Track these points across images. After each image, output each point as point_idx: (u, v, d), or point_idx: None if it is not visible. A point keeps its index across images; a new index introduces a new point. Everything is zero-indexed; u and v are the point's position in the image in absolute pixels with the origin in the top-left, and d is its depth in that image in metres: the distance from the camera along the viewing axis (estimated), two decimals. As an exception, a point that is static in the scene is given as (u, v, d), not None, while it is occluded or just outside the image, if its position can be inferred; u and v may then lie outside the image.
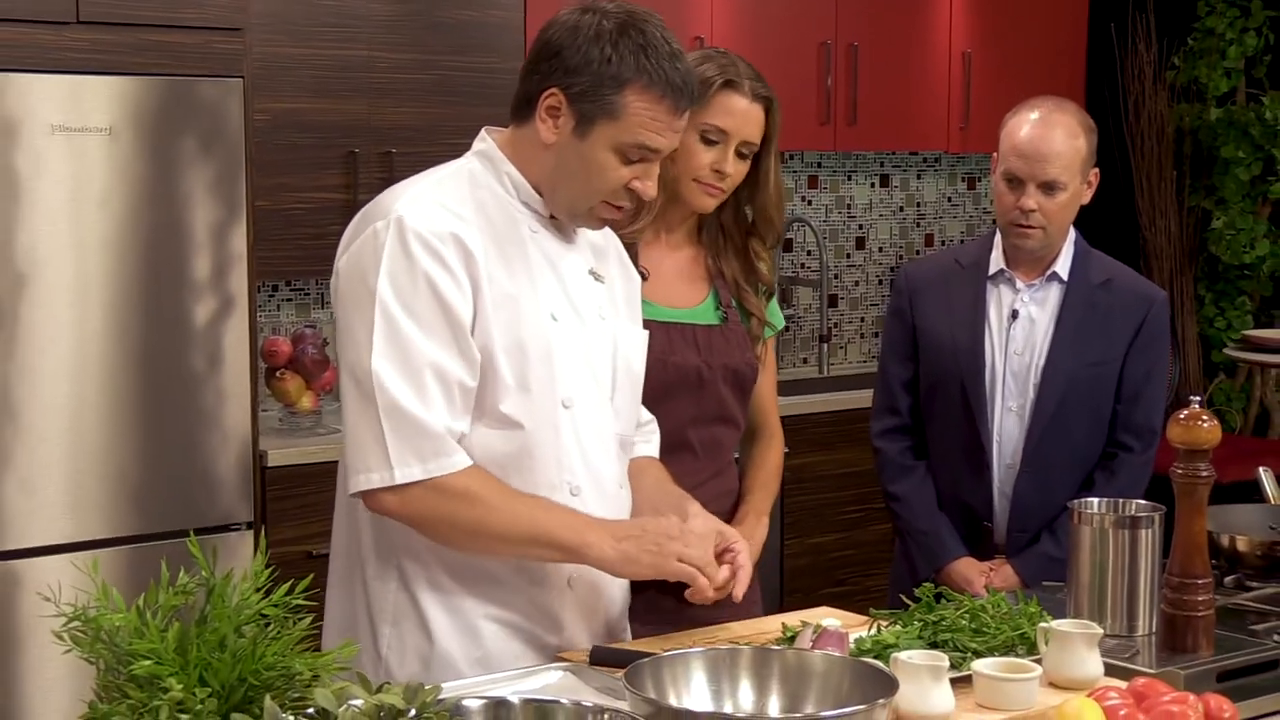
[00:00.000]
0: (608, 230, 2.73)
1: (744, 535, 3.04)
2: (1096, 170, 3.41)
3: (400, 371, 2.39)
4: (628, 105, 2.46)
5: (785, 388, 5.66)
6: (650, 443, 2.85)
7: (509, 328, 2.47)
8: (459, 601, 2.52)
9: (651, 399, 2.98)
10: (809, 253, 6.32)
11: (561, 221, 2.60)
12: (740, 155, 3.02)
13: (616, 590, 2.65)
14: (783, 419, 3.33)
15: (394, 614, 2.53)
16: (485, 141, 2.60)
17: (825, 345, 6.28)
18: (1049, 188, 3.32)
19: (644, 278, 3.05)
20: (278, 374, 4.73)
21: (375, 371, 2.39)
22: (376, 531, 2.54)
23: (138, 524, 4.08)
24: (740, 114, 3.00)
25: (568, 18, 2.51)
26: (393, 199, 2.49)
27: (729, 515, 3.12)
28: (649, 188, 2.53)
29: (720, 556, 2.55)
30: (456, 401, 2.43)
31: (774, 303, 3.22)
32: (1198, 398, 2.65)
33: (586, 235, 2.66)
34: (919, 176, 6.64)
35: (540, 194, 2.56)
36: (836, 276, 6.42)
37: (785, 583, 5.44)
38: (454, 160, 2.61)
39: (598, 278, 2.65)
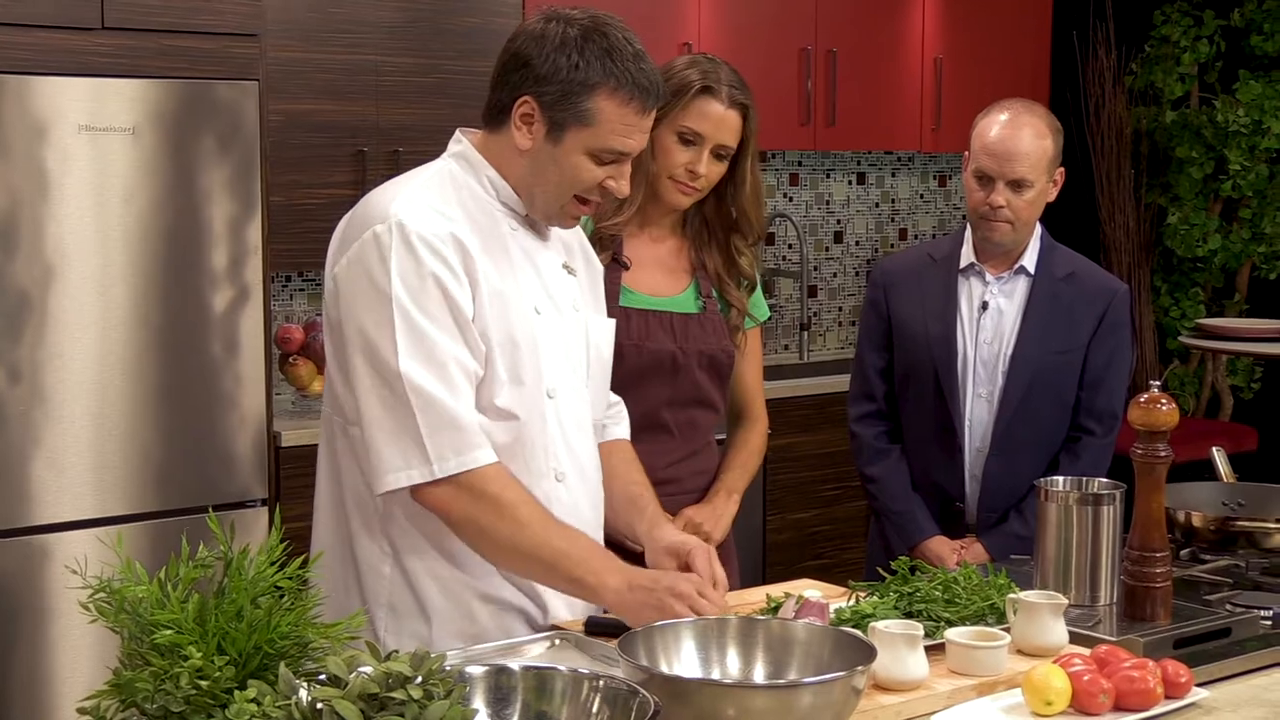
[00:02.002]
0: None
1: (713, 511, 3.06)
2: (1062, 169, 3.40)
3: (429, 369, 2.35)
4: (599, 110, 2.42)
5: (767, 373, 5.60)
6: (621, 424, 2.83)
7: (501, 323, 2.44)
8: (455, 584, 2.48)
9: (629, 382, 2.98)
10: (790, 246, 6.31)
11: (536, 220, 2.57)
12: (718, 157, 3.01)
13: None
14: (765, 402, 3.32)
15: (390, 599, 2.49)
16: (461, 143, 2.55)
17: (805, 333, 6.28)
18: (1017, 185, 3.31)
19: (626, 267, 3.04)
20: (291, 360, 4.72)
21: (405, 372, 2.34)
22: (367, 520, 2.49)
23: (159, 500, 4.07)
24: (715, 119, 2.98)
25: (533, 27, 2.46)
26: (385, 202, 2.43)
27: (704, 494, 3.11)
28: (622, 186, 2.50)
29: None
30: (473, 393, 2.41)
31: (759, 295, 3.21)
32: (1157, 382, 2.64)
33: (556, 231, 2.62)
34: (894, 174, 6.63)
35: (519, 195, 2.52)
36: (816, 268, 6.41)
37: (767, 556, 5.43)
38: (432, 162, 2.56)
39: (570, 271, 2.62)
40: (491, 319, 2.43)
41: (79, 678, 3.91)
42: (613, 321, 2.71)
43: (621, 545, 2.73)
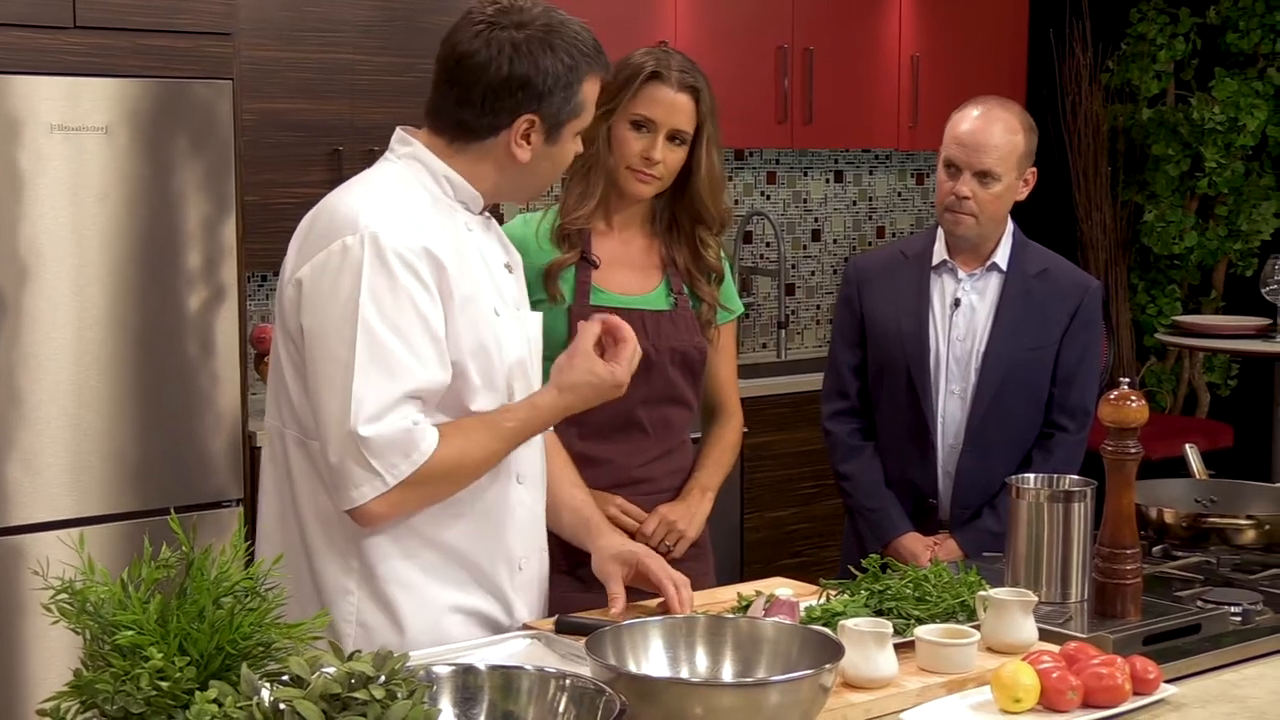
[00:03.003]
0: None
1: (688, 509, 3.05)
2: (1034, 170, 3.39)
3: (382, 393, 2.30)
4: (585, 98, 2.47)
5: (745, 371, 5.64)
6: None
7: (471, 329, 2.41)
8: (427, 593, 2.45)
9: None
10: (768, 244, 6.30)
11: (483, 217, 2.54)
12: (675, 142, 2.99)
13: (546, 572, 2.67)
14: (742, 400, 3.30)
15: (359, 616, 2.43)
16: (412, 144, 2.49)
17: (783, 331, 6.27)
18: (984, 176, 3.31)
19: (595, 265, 3.03)
20: (266, 359, 4.70)
21: (357, 393, 2.29)
22: (330, 537, 2.43)
23: (135, 501, 4.05)
24: (666, 103, 2.98)
25: (495, 38, 2.40)
26: (352, 210, 2.37)
27: (679, 493, 3.10)
28: (578, 143, 2.54)
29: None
30: (426, 413, 2.37)
31: (729, 288, 3.18)
32: (1127, 379, 2.64)
33: (495, 228, 2.60)
34: (871, 172, 6.63)
35: (495, 196, 2.51)
36: (794, 267, 6.41)
37: (745, 554, 5.43)
38: (383, 165, 2.50)
39: (510, 269, 2.59)
40: (463, 327, 2.40)
41: (53, 679, 3.88)
42: (539, 315, 2.67)
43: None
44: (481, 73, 2.41)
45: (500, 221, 2.72)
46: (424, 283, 2.35)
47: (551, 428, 2.66)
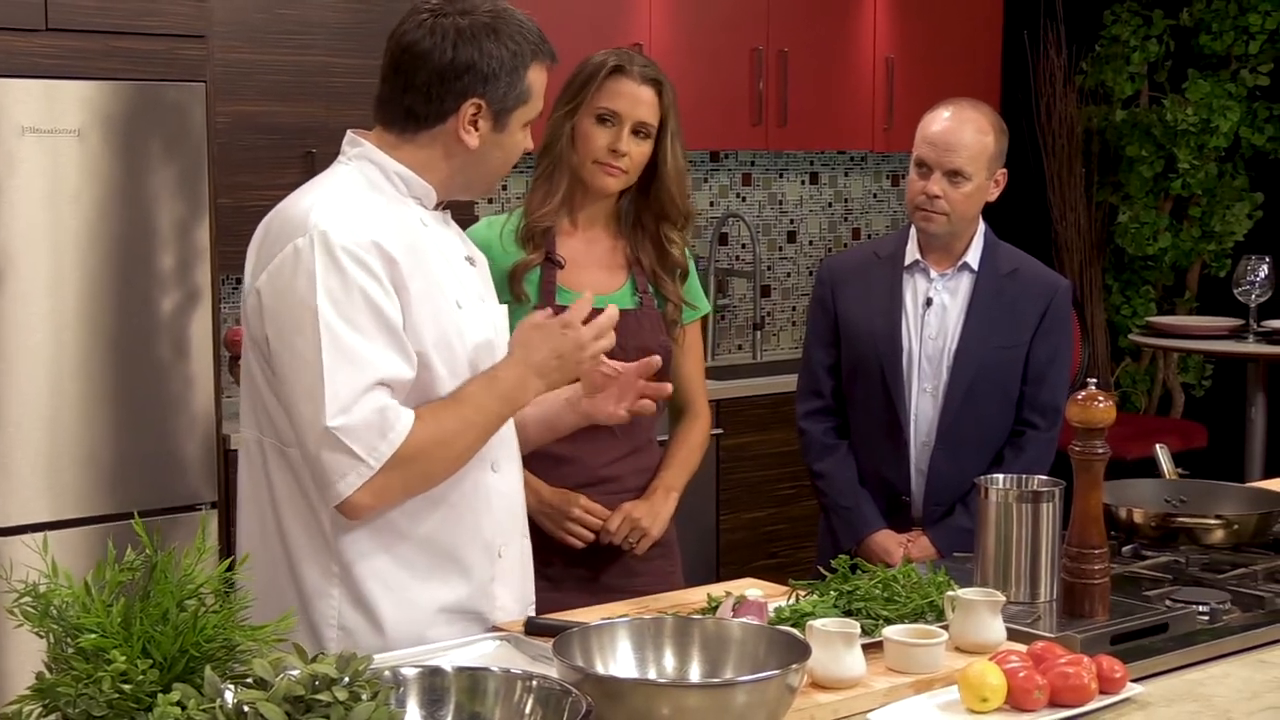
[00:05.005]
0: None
1: (651, 507, 3.05)
2: (1005, 171, 3.41)
3: (352, 385, 2.30)
4: (531, 85, 2.47)
5: (721, 372, 5.66)
6: None
7: (433, 322, 2.41)
8: (409, 592, 2.44)
9: None
10: (743, 246, 6.30)
11: (440, 212, 2.54)
12: (641, 136, 3.00)
13: (529, 559, 2.66)
14: (719, 402, 3.31)
15: (340, 620, 2.43)
16: (361, 145, 2.50)
17: (758, 333, 6.27)
18: (954, 176, 3.32)
19: (560, 265, 3.03)
20: (239, 362, 4.69)
21: (329, 390, 2.29)
22: (311, 543, 2.42)
23: (110, 504, 4.04)
24: (630, 96, 3.00)
25: (440, 25, 2.42)
26: (303, 212, 2.37)
27: (645, 491, 3.10)
28: (528, 138, 2.54)
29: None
30: (397, 400, 2.37)
31: (695, 286, 3.18)
32: (1094, 380, 2.64)
33: (453, 224, 2.60)
34: (846, 174, 6.63)
35: (449, 190, 2.51)
36: (769, 268, 6.41)
37: (721, 555, 5.42)
38: (335, 168, 2.51)
39: (471, 262, 2.59)
40: (424, 320, 2.40)
41: (26, 682, 3.86)
42: (504, 307, 2.66)
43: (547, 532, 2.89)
44: (426, 59, 2.43)
45: (473, 220, 2.72)
46: (376, 276, 2.35)
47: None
